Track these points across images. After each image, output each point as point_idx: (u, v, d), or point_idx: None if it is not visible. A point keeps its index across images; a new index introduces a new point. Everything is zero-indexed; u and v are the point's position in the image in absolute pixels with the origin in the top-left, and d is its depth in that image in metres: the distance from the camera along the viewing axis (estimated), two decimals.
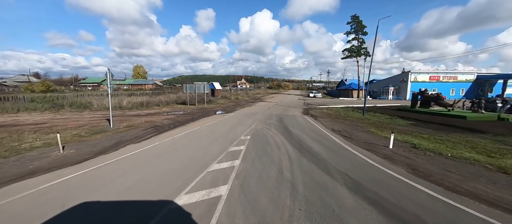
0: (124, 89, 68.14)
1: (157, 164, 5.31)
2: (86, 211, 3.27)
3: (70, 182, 4.32)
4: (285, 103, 26.27)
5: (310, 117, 14.45)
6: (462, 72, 39.64)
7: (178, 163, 5.39)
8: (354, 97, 40.64)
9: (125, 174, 4.72)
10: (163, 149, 6.71)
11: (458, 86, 39.63)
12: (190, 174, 4.67)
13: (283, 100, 33.36)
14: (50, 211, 3.24)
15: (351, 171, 4.87)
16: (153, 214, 3.15)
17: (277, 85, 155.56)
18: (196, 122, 12.30)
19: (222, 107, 21.58)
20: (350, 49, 39.20)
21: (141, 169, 4.97)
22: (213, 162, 5.42)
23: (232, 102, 28.84)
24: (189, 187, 4.02)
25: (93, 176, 4.62)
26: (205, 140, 7.76)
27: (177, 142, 7.55)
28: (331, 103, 26.89)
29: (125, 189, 3.99)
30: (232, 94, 42.14)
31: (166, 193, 3.82)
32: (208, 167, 5.04)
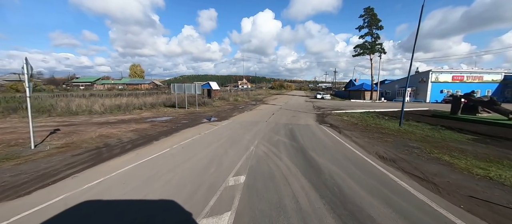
0: (118, 88, 64.87)
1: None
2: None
3: None
4: (291, 106, 22.48)
5: (330, 128, 10.66)
6: (488, 71, 35.44)
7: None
8: (366, 98, 36.68)
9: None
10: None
11: (483, 87, 35.46)
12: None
13: (288, 102, 29.55)
14: None
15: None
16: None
17: (280, 85, 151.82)
18: (171, 136, 8.58)
19: (217, 111, 17.86)
20: (362, 45, 35.27)
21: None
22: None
23: (230, 104, 25.11)
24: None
25: None
26: (157, 190, 4.02)
27: (103, 193, 3.80)
28: (345, 106, 23.05)
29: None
30: (231, 95, 38.44)
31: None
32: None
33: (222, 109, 19.34)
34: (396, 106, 24.31)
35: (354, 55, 36.33)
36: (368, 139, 8.34)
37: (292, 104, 25.45)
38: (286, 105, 24.51)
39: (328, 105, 24.74)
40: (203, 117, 14.03)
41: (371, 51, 34.33)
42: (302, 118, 14.06)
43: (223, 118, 13.51)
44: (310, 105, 25.04)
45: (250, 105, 24.49)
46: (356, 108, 21.06)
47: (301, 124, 11.52)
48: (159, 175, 4.68)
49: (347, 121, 12.67)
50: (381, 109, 20.05)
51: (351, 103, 29.33)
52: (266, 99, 37.00)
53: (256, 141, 7.65)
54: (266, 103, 27.72)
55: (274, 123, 11.57)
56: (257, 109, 19.44)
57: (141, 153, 6.38)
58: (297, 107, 21.59)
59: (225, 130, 9.78)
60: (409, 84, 37.72)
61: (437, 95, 34.11)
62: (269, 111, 18.08)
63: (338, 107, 22.73)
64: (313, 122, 12.52)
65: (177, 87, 19.05)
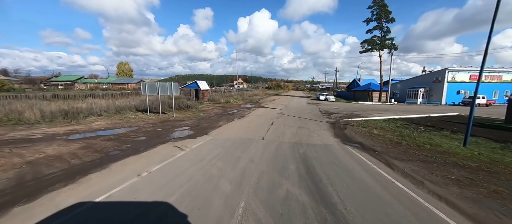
0: (102, 88, 59.80)
1: None
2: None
3: None
4: (294, 111, 18.48)
5: (365, 152, 6.67)
6: (508, 70, 32.13)
7: None
8: (374, 100, 32.97)
9: None
10: None
11: (502, 87, 32.22)
12: None
13: (288, 104, 25.52)
14: None
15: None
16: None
17: (277, 85, 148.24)
18: (70, 186, 4.38)
19: (198, 118, 13.70)
20: (370, 41, 31.54)
21: None
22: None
23: (220, 107, 20.92)
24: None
25: None
26: None
27: None
28: (358, 111, 19.14)
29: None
30: (223, 95, 34.24)
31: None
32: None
33: (207, 115, 15.18)
34: (416, 110, 20.54)
35: (362, 51, 32.61)
36: (452, 185, 4.33)
37: (294, 108, 21.44)
38: (287, 109, 20.48)
39: (337, 109, 20.80)
40: (175, 129, 9.88)
41: (381, 47, 30.64)
42: (314, 130, 10.03)
43: (201, 132, 9.37)
44: (315, 108, 21.07)
45: (244, 108, 20.37)
46: (374, 113, 17.18)
47: (317, 144, 7.48)
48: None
49: (381, 138, 8.68)
50: (406, 115, 16.21)
51: (361, 106, 25.47)
52: (262, 100, 32.91)
53: (242, 204, 3.54)
54: (263, 106, 23.63)
55: (276, 143, 7.49)
56: (252, 115, 15.34)
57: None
58: (301, 112, 17.57)
59: (192, 162, 5.64)
60: (422, 84, 34.29)
61: (453, 96, 30.65)
62: (266, 118, 14.00)
63: (350, 111, 18.80)
64: (331, 138, 8.50)
65: (148, 88, 14.78)
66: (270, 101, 30.61)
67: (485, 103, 27.39)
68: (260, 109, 19.52)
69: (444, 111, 19.26)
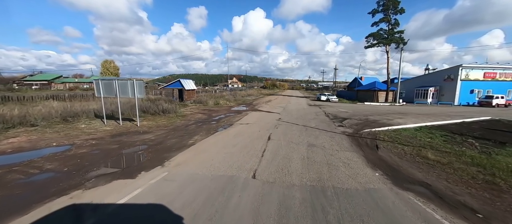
0: (83, 88, 55.00)
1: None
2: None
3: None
4: (295, 115, 15.09)
5: (458, 217, 3.21)
6: None
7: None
8: (380, 100, 29.96)
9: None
10: None
11: None
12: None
13: (287, 106, 22.12)
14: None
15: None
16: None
17: (272, 84, 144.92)
18: None
19: (168, 130, 10.10)
20: (376, 34, 28.46)
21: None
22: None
23: (204, 111, 17.32)
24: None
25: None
26: None
27: None
28: (372, 114, 15.87)
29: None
30: (213, 96, 30.61)
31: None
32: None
33: (184, 124, 11.60)
34: (437, 113, 17.47)
35: (367, 46, 29.50)
36: None
37: (295, 111, 18.04)
38: (287, 112, 17.06)
39: (346, 112, 17.51)
40: (123, 150, 6.30)
41: (388, 41, 27.60)
42: (333, 152, 6.61)
43: (157, 158, 5.80)
44: (319, 111, 17.74)
45: (233, 113, 16.84)
46: (392, 117, 13.93)
47: (353, 191, 4.04)
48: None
49: (449, 168, 5.33)
50: (432, 120, 13.02)
51: (371, 108, 22.31)
52: (257, 102, 29.41)
53: None
54: (257, 108, 20.14)
55: (278, 191, 4.03)
56: (241, 124, 11.84)
57: None
58: (305, 117, 14.18)
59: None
60: (432, 82, 31.50)
61: (467, 96, 27.92)
62: (261, 128, 10.54)
63: (363, 115, 15.52)
64: (369, 171, 5.09)
65: (104, 87, 11.01)
66: (265, 103, 27.13)
67: (504, 103, 24.73)
68: (253, 114, 16.03)
69: (471, 114, 16.20)
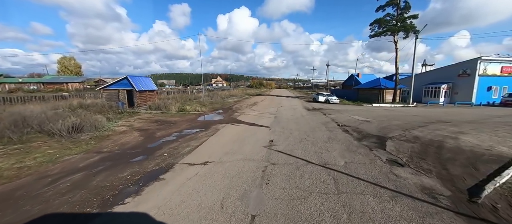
0: (29, 89, 44.99)
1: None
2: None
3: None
4: (294, 129, 9.25)
5: None
6: None
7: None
8: (386, 100, 25.20)
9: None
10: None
11: None
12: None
13: (279, 113, 16.23)
14: None
15: None
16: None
17: (259, 83, 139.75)
18: None
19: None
20: (382, 20, 23.53)
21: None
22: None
23: (149, 128, 10.80)
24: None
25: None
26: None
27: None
28: (405, 121, 10.38)
29: None
30: (181, 99, 23.95)
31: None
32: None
33: (63, 170, 5.11)
34: (480, 116, 12.52)
35: (372, 35, 24.51)
36: None
37: (292, 122, 12.19)
38: (281, 125, 11.16)
39: (368, 122, 11.96)
40: None
41: (397, 29, 22.78)
42: None
43: None
44: (327, 122, 12.05)
45: (198, 128, 10.59)
46: (449, 129, 8.59)
47: None
48: None
49: None
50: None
51: (391, 113, 17.08)
52: (239, 105, 23.25)
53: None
54: (237, 118, 14.03)
55: None
56: (193, 164, 5.73)
57: None
58: (313, 136, 8.37)
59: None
60: (444, 79, 27.39)
61: (484, 93, 24.02)
62: (232, 182, 4.46)
63: (400, 127, 10.00)
64: None
65: None
66: (250, 107, 21.05)
67: None
68: (227, 130, 9.89)
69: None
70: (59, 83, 47.46)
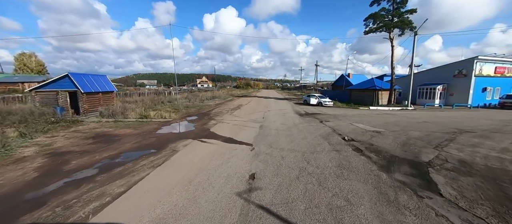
0: None
1: None
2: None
3: None
4: (286, 149, 6.40)
5: None
6: None
7: None
8: (381, 102, 23.35)
9: None
10: None
11: None
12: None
13: (266, 120, 13.34)
14: None
15: None
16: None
17: (246, 84, 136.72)
18: None
19: None
20: (378, 15, 21.58)
21: None
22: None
23: (54, 157, 7.33)
24: None
25: None
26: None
27: None
28: (424, 131, 7.99)
29: None
30: (154, 101, 20.28)
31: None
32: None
33: None
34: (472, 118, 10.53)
35: (366, 31, 22.49)
36: None
37: (283, 134, 9.35)
38: (268, 141, 8.29)
39: (382, 135, 9.43)
40: None
41: (392, 25, 20.92)
42: None
43: None
44: (329, 134, 9.35)
45: (143, 149, 7.37)
46: (469, 137, 6.26)
47: None
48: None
49: None
50: None
51: (399, 119, 14.83)
52: (221, 109, 20.08)
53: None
54: (211, 130, 10.96)
55: None
56: None
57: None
58: (318, 166, 5.56)
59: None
60: (439, 79, 26.10)
61: (479, 95, 22.96)
62: None
63: (416, 138, 7.52)
64: None
65: None
66: (232, 111, 17.96)
67: None
68: (187, 153, 6.81)
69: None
70: (13, 83, 40.92)
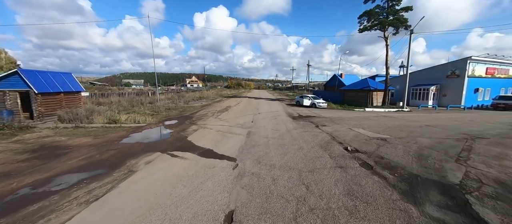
0: None
1: None
2: None
3: None
4: (278, 166, 4.95)
5: None
6: None
7: None
8: (375, 103, 22.58)
9: None
10: None
11: (508, 84, 26.27)
12: None
13: (255, 124, 11.86)
14: None
15: None
16: None
17: (237, 84, 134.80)
18: None
19: None
20: (372, 12, 20.73)
21: None
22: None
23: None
24: None
25: None
26: None
27: None
28: (451, 143, 6.88)
29: None
30: (132, 102, 18.32)
31: None
32: None
33: None
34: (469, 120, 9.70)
35: (361, 29, 21.59)
36: None
37: (274, 144, 7.90)
38: (258, 148, 6.81)
39: (384, 141, 8.19)
40: None
41: (387, 23, 20.14)
42: None
43: None
44: (326, 140, 8.00)
45: (89, 170, 5.67)
46: (485, 146, 5.20)
47: None
48: None
49: None
50: None
51: (401, 122, 13.82)
52: (206, 111, 18.40)
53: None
54: (191, 133, 9.34)
55: None
56: None
57: None
58: (320, 186, 4.18)
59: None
60: (432, 79, 25.70)
61: (471, 96, 22.74)
62: None
63: (429, 147, 6.36)
64: None
65: None
66: (218, 114, 16.37)
67: None
68: (146, 176, 5.24)
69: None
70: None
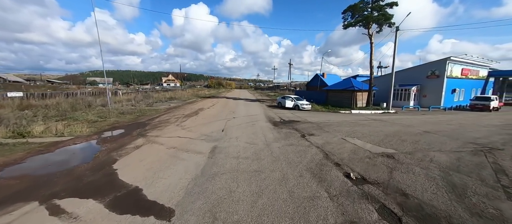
0: None
1: None
2: None
3: None
4: None
5: None
6: (485, 64, 27.20)
7: None
8: (363, 103, 21.54)
9: None
10: None
11: (477, 85, 27.33)
12: None
13: (227, 135, 9.36)
14: None
15: None
16: None
17: (218, 83, 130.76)
18: None
19: None
20: (357, 7, 19.47)
21: None
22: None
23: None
24: None
25: None
26: None
27: None
28: (466, 157, 5.24)
29: None
30: (73, 105, 14.58)
31: None
32: None
33: None
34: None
35: (345, 25, 20.24)
36: None
37: (247, 162, 5.54)
38: (218, 179, 4.33)
39: (392, 159, 6.29)
40: None
41: (372, 20, 19.06)
42: None
43: None
44: (317, 159, 5.89)
45: None
46: (504, 161, 3.61)
47: None
48: None
49: None
50: None
51: (402, 129, 12.29)
52: (172, 113, 15.42)
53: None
54: (130, 153, 6.56)
55: None
56: None
57: None
58: None
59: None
60: (412, 80, 25.44)
61: (449, 96, 22.86)
62: None
63: (448, 167, 4.59)
64: None
65: None
66: (184, 119, 13.57)
67: (497, 105, 20.17)
68: None
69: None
70: None
